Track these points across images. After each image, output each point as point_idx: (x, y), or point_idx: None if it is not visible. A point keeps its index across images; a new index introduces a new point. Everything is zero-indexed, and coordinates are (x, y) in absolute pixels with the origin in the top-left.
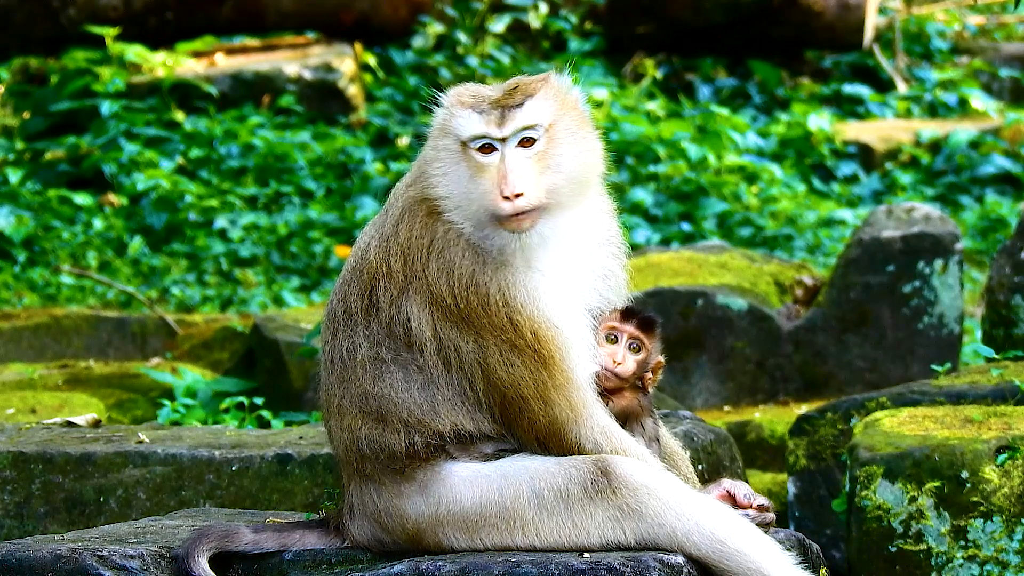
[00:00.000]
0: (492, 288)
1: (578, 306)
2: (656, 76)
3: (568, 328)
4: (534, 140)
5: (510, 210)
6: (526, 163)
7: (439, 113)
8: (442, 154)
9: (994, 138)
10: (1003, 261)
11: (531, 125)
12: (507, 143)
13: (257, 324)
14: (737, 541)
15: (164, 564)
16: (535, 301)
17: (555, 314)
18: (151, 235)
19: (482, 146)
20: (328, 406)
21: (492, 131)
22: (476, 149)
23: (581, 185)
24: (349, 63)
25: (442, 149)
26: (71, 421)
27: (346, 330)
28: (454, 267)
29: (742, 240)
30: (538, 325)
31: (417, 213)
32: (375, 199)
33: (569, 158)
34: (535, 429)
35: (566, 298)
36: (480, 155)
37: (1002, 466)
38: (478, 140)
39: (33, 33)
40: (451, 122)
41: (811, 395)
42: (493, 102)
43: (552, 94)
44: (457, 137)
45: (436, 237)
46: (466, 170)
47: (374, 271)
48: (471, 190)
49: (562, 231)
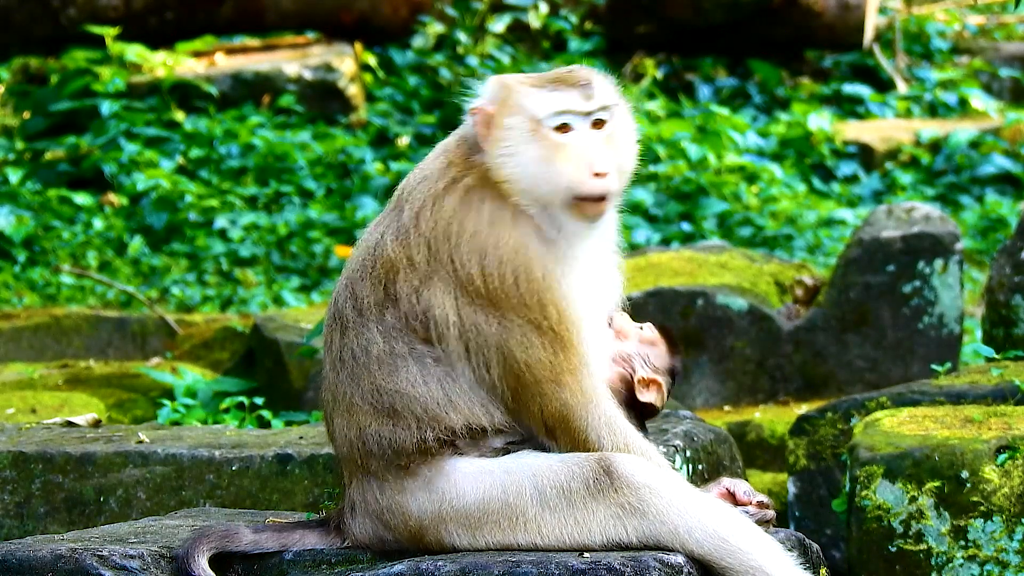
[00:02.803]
0: (535, 265)
1: (599, 296)
2: (656, 76)
3: (589, 316)
4: (605, 122)
5: (601, 188)
6: (605, 144)
7: (495, 96)
8: (507, 134)
9: (994, 138)
10: (1003, 261)
11: (607, 105)
12: (587, 120)
13: (257, 324)
14: (739, 539)
15: (164, 564)
16: (568, 284)
17: (581, 300)
18: (151, 235)
19: (560, 124)
20: (335, 404)
21: (578, 105)
22: (554, 128)
23: (627, 175)
24: (349, 63)
25: (506, 128)
26: (71, 421)
27: (357, 327)
28: (491, 246)
29: (742, 240)
30: (564, 306)
31: (446, 202)
32: (375, 199)
33: (628, 145)
34: (544, 414)
35: (591, 287)
36: (557, 134)
37: (1002, 466)
38: (560, 116)
39: (33, 33)
40: (521, 100)
41: (811, 395)
42: (562, 80)
43: (606, 80)
44: (530, 115)
45: (472, 220)
46: (540, 150)
47: (391, 264)
48: (546, 171)
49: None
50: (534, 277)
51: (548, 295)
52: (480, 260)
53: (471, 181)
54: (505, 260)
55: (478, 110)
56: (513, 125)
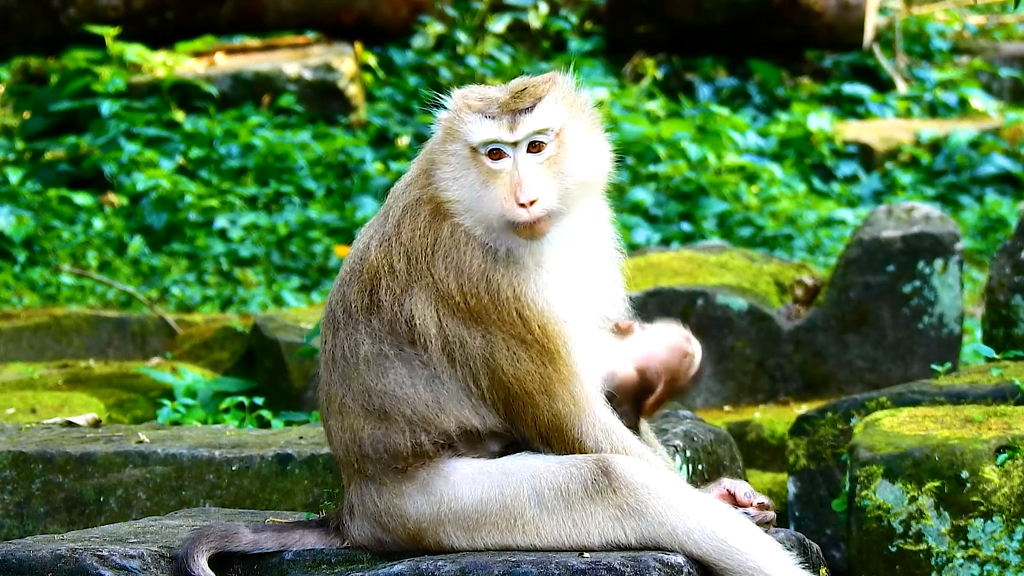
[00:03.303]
0: (503, 284)
1: (583, 304)
2: (656, 76)
3: (574, 324)
4: (544, 144)
5: (526, 217)
6: (538, 169)
7: (445, 116)
8: (451, 158)
9: (994, 138)
10: (1003, 261)
11: (542, 130)
12: (518, 148)
13: (257, 324)
14: (738, 540)
15: (164, 564)
16: (544, 297)
17: (562, 310)
18: (151, 235)
19: (492, 151)
20: (329, 406)
21: (504, 135)
22: (486, 154)
23: (590, 188)
24: (349, 63)
25: (450, 153)
26: (71, 421)
27: (347, 328)
28: (463, 266)
29: (742, 240)
30: (546, 320)
31: (420, 213)
32: (375, 199)
33: (579, 162)
34: (538, 424)
35: (572, 296)
36: (490, 160)
37: (1002, 466)
38: (488, 145)
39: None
40: (459, 127)
41: (811, 395)
42: (502, 106)
43: (561, 96)
44: (466, 142)
45: (442, 236)
46: (476, 175)
47: (375, 270)
48: (482, 195)
49: (570, 232)
50: (505, 297)
51: (526, 312)
52: (457, 277)
53: (432, 196)
54: (476, 281)
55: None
56: (455, 150)
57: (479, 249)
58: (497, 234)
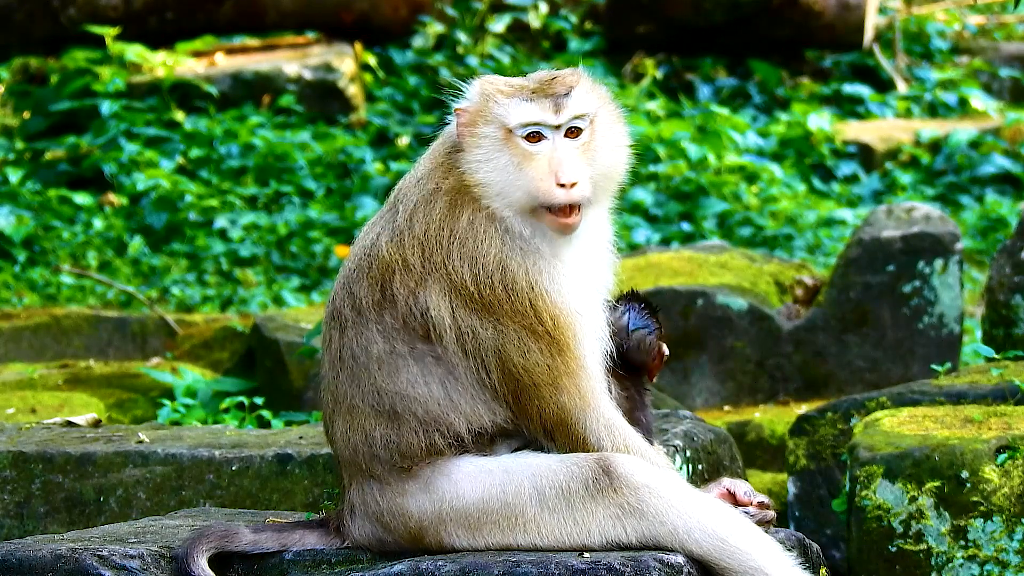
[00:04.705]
0: (519, 273)
1: (594, 298)
2: (656, 76)
3: (585, 318)
4: (581, 131)
5: (564, 199)
6: (575, 152)
7: (471, 102)
8: (482, 141)
9: (994, 138)
10: (1003, 261)
11: (582, 114)
12: (558, 131)
13: (257, 324)
14: (738, 539)
15: (164, 564)
16: (558, 289)
17: (574, 303)
18: (151, 235)
19: (531, 134)
20: (336, 406)
21: (548, 118)
22: (524, 137)
23: (613, 180)
24: (349, 63)
25: (481, 136)
26: (71, 421)
27: (356, 327)
28: (478, 255)
29: (742, 240)
30: (558, 311)
31: (435, 206)
32: (375, 199)
33: (608, 152)
34: (543, 417)
35: (584, 289)
36: (528, 143)
37: (1002, 466)
38: (528, 127)
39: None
40: (494, 109)
41: (811, 395)
42: (539, 90)
43: (590, 86)
44: (502, 124)
45: (458, 227)
46: (510, 158)
47: (387, 265)
48: (516, 178)
49: (588, 225)
50: (520, 287)
51: (539, 302)
52: (471, 267)
53: (454, 184)
54: (491, 270)
55: (461, 111)
56: (487, 133)
57: (497, 237)
58: (523, 218)
